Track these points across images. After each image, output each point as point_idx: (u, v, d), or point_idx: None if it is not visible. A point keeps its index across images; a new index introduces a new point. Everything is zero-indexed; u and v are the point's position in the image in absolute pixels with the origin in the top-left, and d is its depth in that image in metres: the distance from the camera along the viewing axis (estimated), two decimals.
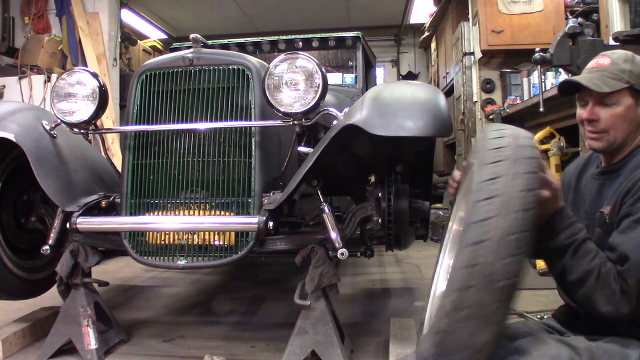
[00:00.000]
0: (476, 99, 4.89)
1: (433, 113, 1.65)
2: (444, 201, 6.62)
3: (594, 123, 1.35)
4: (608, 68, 1.34)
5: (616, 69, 1.33)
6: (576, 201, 1.48)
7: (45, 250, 1.96)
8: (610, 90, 1.30)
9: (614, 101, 1.32)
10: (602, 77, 1.33)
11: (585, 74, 1.39)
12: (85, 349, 1.95)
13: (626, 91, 1.32)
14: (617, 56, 1.37)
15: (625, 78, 1.32)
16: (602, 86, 1.31)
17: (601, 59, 1.39)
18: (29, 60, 4.75)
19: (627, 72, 1.32)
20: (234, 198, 1.89)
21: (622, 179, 1.31)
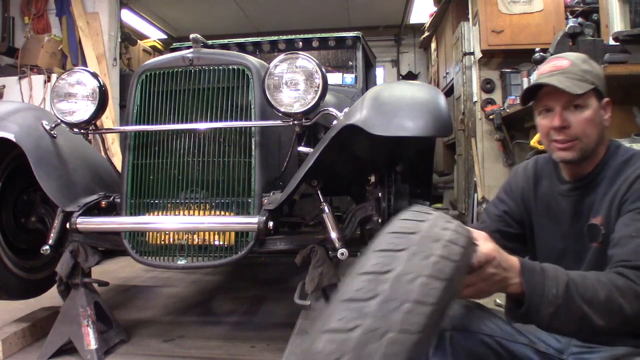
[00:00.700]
0: (476, 99, 4.89)
1: (433, 113, 1.65)
2: (444, 201, 6.62)
3: (565, 130, 1.25)
4: (570, 69, 1.25)
5: (579, 70, 1.25)
6: (547, 218, 1.39)
7: (45, 250, 1.96)
8: (582, 91, 1.22)
9: (583, 104, 1.24)
10: (568, 79, 1.24)
11: (549, 77, 1.27)
12: (85, 349, 1.95)
13: (592, 93, 1.25)
14: (574, 57, 1.29)
15: (590, 79, 1.25)
16: (574, 87, 1.21)
17: (558, 61, 1.29)
18: (29, 60, 4.75)
19: (589, 73, 1.26)
20: (233, 198, 1.89)
21: (602, 189, 1.24)
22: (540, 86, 1.28)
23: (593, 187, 1.28)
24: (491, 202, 1.56)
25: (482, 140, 4.76)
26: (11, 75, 4.74)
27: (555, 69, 1.27)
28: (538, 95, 1.30)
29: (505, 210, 1.48)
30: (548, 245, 1.40)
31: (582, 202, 1.29)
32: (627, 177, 1.20)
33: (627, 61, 2.64)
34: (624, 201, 1.18)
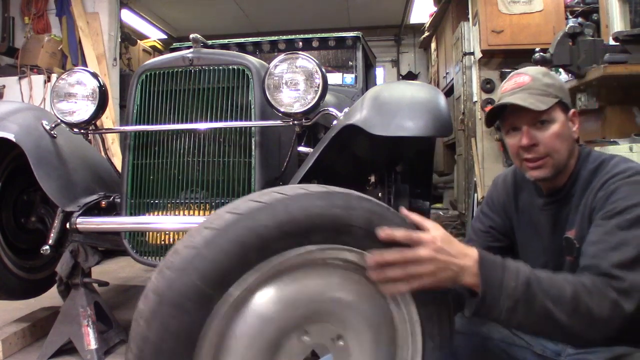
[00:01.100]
0: (476, 99, 4.88)
1: (433, 113, 1.66)
2: (444, 201, 6.62)
3: (534, 148, 1.22)
4: (532, 85, 1.22)
5: (541, 85, 1.22)
6: (529, 232, 1.38)
7: (45, 250, 1.96)
8: (546, 107, 1.19)
9: (549, 119, 1.21)
10: (531, 95, 1.21)
11: (511, 95, 1.24)
12: (85, 349, 1.95)
13: (557, 106, 1.22)
14: (535, 71, 1.27)
15: (553, 92, 1.22)
16: (538, 104, 1.19)
17: (519, 78, 1.26)
18: (29, 60, 4.74)
19: (551, 86, 1.23)
20: (234, 198, 1.89)
21: (575, 201, 1.24)
22: (504, 106, 1.26)
23: (568, 199, 1.27)
24: (476, 218, 1.55)
25: (482, 140, 4.76)
26: (11, 75, 4.74)
27: (517, 86, 1.24)
28: (503, 114, 1.28)
29: (490, 226, 1.47)
30: (530, 258, 1.38)
31: (559, 215, 1.28)
32: (594, 187, 1.19)
33: (627, 61, 2.64)
34: (592, 209, 1.17)
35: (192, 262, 0.85)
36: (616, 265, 1.02)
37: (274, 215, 0.89)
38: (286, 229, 0.89)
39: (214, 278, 0.85)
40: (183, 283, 0.84)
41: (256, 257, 0.88)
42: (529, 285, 0.97)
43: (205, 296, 0.85)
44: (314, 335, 0.97)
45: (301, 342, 0.96)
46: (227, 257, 0.85)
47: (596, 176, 1.22)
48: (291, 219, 0.89)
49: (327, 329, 0.99)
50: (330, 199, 0.95)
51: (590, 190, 1.20)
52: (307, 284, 0.97)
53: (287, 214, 0.89)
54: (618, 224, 1.08)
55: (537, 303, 0.97)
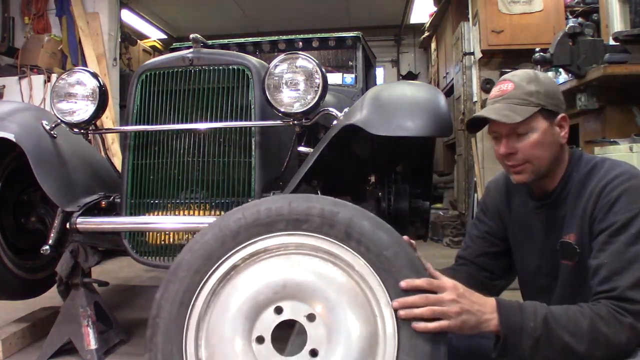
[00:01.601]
0: (476, 99, 4.88)
1: (433, 113, 1.66)
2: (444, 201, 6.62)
3: (513, 156, 1.26)
4: (513, 94, 1.24)
5: (522, 93, 1.23)
6: (522, 235, 1.39)
7: (45, 250, 1.96)
8: (521, 118, 1.21)
9: (527, 129, 1.22)
10: (509, 106, 1.23)
11: (491, 106, 1.28)
12: (85, 349, 1.95)
13: (538, 114, 1.22)
14: (520, 78, 1.27)
15: (534, 101, 1.22)
16: (513, 116, 1.21)
17: (504, 85, 1.28)
18: (29, 60, 4.74)
19: (534, 94, 1.23)
20: (234, 198, 1.89)
21: (571, 203, 1.24)
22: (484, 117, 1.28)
23: (560, 202, 1.27)
24: (471, 224, 1.56)
25: (482, 140, 4.76)
26: (11, 75, 4.74)
27: (499, 94, 1.27)
28: (487, 121, 1.30)
29: (486, 231, 1.48)
30: (524, 262, 1.40)
31: (552, 218, 1.29)
32: (592, 191, 1.19)
33: (627, 61, 2.64)
34: (593, 219, 1.17)
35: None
36: (629, 288, 1.05)
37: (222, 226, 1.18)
38: (254, 222, 1.16)
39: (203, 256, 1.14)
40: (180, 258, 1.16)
41: (231, 242, 1.14)
42: (546, 323, 1.04)
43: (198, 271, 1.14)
44: (287, 312, 1.13)
45: (274, 317, 1.13)
46: (212, 238, 1.16)
47: (591, 179, 1.22)
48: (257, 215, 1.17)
49: (300, 307, 1.13)
50: (286, 199, 1.20)
51: (588, 194, 1.20)
52: (283, 266, 1.15)
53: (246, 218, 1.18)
54: (626, 240, 1.10)
55: (557, 338, 1.04)
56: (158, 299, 1.14)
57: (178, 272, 1.14)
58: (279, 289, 1.13)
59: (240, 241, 1.14)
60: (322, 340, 1.10)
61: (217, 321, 1.13)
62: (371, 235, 1.11)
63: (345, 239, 1.12)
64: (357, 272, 1.12)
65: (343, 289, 1.12)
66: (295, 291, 1.13)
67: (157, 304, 1.14)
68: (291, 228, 1.14)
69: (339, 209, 1.15)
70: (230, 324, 1.11)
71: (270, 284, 1.13)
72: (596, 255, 1.14)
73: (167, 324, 1.13)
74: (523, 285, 1.46)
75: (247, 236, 1.14)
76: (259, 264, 1.16)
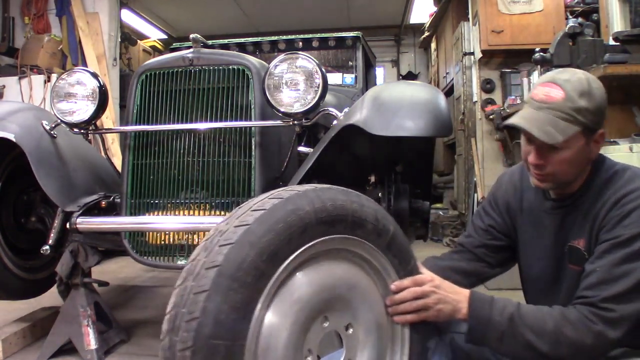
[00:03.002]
0: (476, 99, 4.89)
1: (433, 113, 1.65)
2: (444, 201, 6.62)
3: (541, 166, 1.21)
4: (561, 105, 1.14)
5: (570, 108, 1.14)
6: (533, 234, 1.37)
7: (45, 250, 1.96)
8: (563, 138, 1.13)
9: (564, 145, 1.15)
10: (553, 119, 1.14)
11: (533, 111, 1.18)
12: (85, 349, 1.95)
13: (579, 133, 1.15)
14: (572, 86, 1.15)
15: (580, 119, 1.14)
16: (555, 134, 1.13)
17: (553, 90, 1.17)
18: (29, 60, 4.74)
19: (582, 112, 1.14)
20: (234, 198, 1.89)
21: (586, 208, 1.22)
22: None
23: (577, 206, 1.25)
24: (477, 213, 1.55)
25: (482, 140, 4.76)
26: (11, 75, 4.74)
27: (545, 100, 1.17)
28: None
29: (490, 224, 1.47)
30: (531, 260, 1.39)
31: (565, 221, 1.27)
32: (607, 200, 1.18)
33: (627, 61, 2.64)
34: (602, 227, 1.17)
35: (247, 237, 0.93)
36: (610, 299, 1.08)
37: (310, 202, 1.00)
38: (320, 215, 1.00)
39: (266, 253, 0.93)
40: (241, 257, 0.91)
41: (297, 240, 0.98)
42: (512, 320, 1.13)
43: (261, 270, 0.93)
44: (332, 322, 1.07)
45: (322, 328, 1.06)
46: (275, 234, 0.94)
47: (609, 188, 1.20)
48: (323, 208, 1.01)
49: (342, 317, 1.09)
50: (348, 195, 1.09)
51: (602, 202, 1.19)
52: (332, 272, 1.08)
53: (321, 202, 1.01)
54: (624, 255, 1.11)
55: (520, 335, 1.12)
56: (202, 305, 0.88)
57: (238, 275, 0.90)
58: (330, 297, 1.06)
59: (307, 238, 1.00)
60: (356, 349, 1.12)
61: (272, 330, 0.96)
62: (406, 249, 1.20)
63: (386, 249, 1.15)
64: (390, 280, 1.17)
65: (372, 299, 1.15)
66: (340, 300, 1.08)
67: (202, 310, 0.88)
68: (349, 231, 1.07)
69: (386, 219, 1.16)
70: (287, 335, 0.97)
71: (322, 291, 1.05)
72: (593, 261, 1.15)
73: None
74: (526, 283, 1.45)
75: (312, 234, 1.01)
76: (315, 267, 1.05)
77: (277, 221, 0.95)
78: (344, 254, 1.11)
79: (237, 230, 0.93)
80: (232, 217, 0.99)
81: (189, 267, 0.94)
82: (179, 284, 0.93)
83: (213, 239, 0.95)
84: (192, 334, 0.86)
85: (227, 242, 0.92)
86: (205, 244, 0.96)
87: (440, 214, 5.91)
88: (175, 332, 0.88)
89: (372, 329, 1.14)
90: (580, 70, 1.23)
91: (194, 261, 0.94)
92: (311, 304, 1.02)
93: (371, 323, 1.14)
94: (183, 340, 0.86)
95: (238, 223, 0.95)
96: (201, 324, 0.86)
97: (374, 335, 1.14)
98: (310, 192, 1.03)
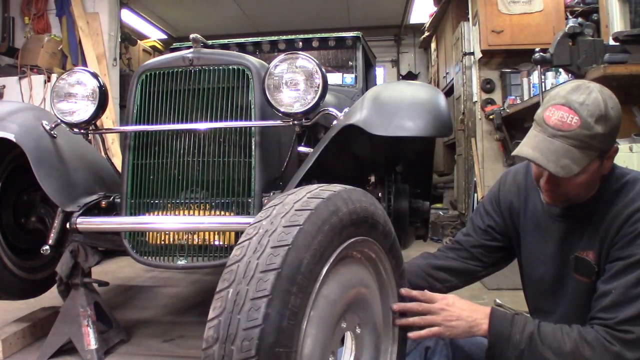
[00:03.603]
0: (476, 99, 4.89)
1: (433, 113, 1.65)
2: (444, 201, 6.62)
3: (553, 188, 1.18)
4: (577, 134, 1.08)
5: (586, 136, 1.08)
6: (536, 238, 1.35)
7: (45, 250, 1.96)
8: (579, 169, 1.09)
9: (580, 172, 1.11)
10: (569, 150, 1.08)
11: (547, 140, 1.11)
12: (85, 349, 1.95)
13: (595, 158, 1.11)
14: (589, 112, 1.08)
15: (597, 145, 1.09)
16: (571, 167, 1.08)
17: (568, 117, 1.09)
18: (29, 60, 4.75)
19: (598, 137, 1.08)
20: (234, 198, 1.89)
21: (595, 220, 1.20)
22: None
23: (585, 216, 1.22)
24: (477, 211, 1.53)
25: (482, 140, 4.77)
26: (11, 75, 4.74)
27: (560, 128, 1.09)
28: None
29: (489, 225, 1.45)
30: (533, 262, 1.38)
31: (572, 229, 1.26)
32: (618, 213, 1.16)
33: (627, 61, 2.64)
34: (614, 243, 1.16)
35: (302, 239, 0.89)
36: (627, 321, 1.08)
37: (345, 202, 1.00)
38: (353, 217, 1.01)
39: (317, 254, 0.90)
40: (298, 259, 0.87)
41: (337, 241, 0.97)
42: (532, 339, 1.14)
43: (314, 273, 0.90)
44: (348, 323, 1.07)
45: (341, 329, 1.05)
46: (323, 235, 0.92)
47: (620, 199, 1.17)
48: (354, 209, 1.02)
49: (354, 317, 1.09)
50: (367, 196, 1.10)
51: (613, 215, 1.16)
52: (353, 273, 1.09)
53: (352, 203, 1.02)
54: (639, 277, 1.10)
55: (539, 354, 1.12)
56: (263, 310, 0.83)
57: (297, 278, 0.86)
58: (351, 298, 1.05)
59: (343, 239, 0.99)
60: (362, 349, 1.13)
61: (313, 334, 0.92)
62: (400, 252, 1.21)
63: (389, 251, 1.17)
64: (388, 281, 1.19)
65: (374, 299, 1.16)
66: (357, 301, 1.09)
67: (264, 315, 0.83)
68: (367, 232, 1.07)
69: (389, 222, 1.17)
70: (323, 338, 0.95)
71: (348, 292, 1.04)
72: (607, 281, 1.14)
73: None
74: (527, 284, 1.45)
75: (348, 234, 1.00)
76: (342, 269, 1.03)
77: (324, 222, 0.93)
78: (357, 255, 1.11)
79: (289, 231, 0.89)
80: (274, 216, 0.94)
81: (236, 269, 0.88)
82: (226, 287, 0.87)
83: (261, 239, 0.89)
84: (255, 342, 0.80)
85: (283, 244, 0.87)
86: (251, 244, 0.90)
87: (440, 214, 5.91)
88: (231, 340, 0.81)
89: (372, 328, 1.15)
90: (593, 85, 1.14)
91: (240, 262, 0.88)
92: (340, 305, 1.01)
93: (372, 323, 1.15)
94: (243, 350, 0.80)
95: (287, 223, 0.91)
96: (264, 332, 0.80)
97: (374, 334, 1.15)
98: (344, 193, 1.02)
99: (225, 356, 0.81)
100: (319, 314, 0.93)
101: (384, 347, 1.19)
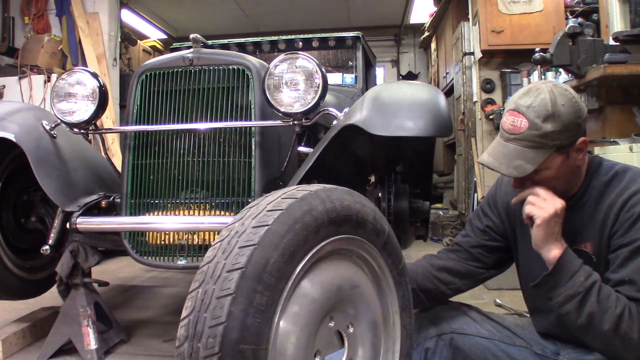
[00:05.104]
0: (476, 99, 4.89)
1: (433, 113, 1.65)
2: (444, 201, 6.62)
3: (520, 188, 1.24)
4: (527, 135, 1.15)
5: (536, 135, 1.14)
6: (530, 236, 1.35)
7: (45, 250, 1.96)
8: (534, 167, 1.16)
9: (541, 167, 1.17)
10: (521, 150, 1.16)
11: (502, 145, 1.20)
12: (85, 349, 1.95)
13: (554, 153, 1.17)
14: (536, 114, 1.14)
15: (549, 143, 1.15)
16: (525, 167, 1.16)
17: (517, 120, 1.16)
18: (29, 60, 4.75)
19: (549, 135, 1.14)
20: (234, 198, 1.89)
21: (588, 213, 1.23)
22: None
23: (577, 209, 1.25)
24: (475, 213, 1.55)
25: (482, 140, 4.76)
26: (11, 75, 4.74)
27: (512, 132, 1.18)
28: None
29: (488, 225, 1.47)
30: (530, 261, 1.39)
31: (567, 225, 1.26)
32: (612, 203, 1.18)
33: (627, 61, 2.64)
34: (614, 232, 1.17)
35: (269, 239, 0.91)
36: None
37: (322, 201, 1.00)
38: (332, 215, 1.01)
39: (287, 253, 0.92)
40: (264, 258, 0.89)
41: (312, 240, 0.97)
42: (592, 287, 1.12)
43: (284, 271, 0.91)
44: (336, 321, 1.07)
45: (328, 328, 1.06)
46: (294, 234, 0.93)
47: (612, 189, 1.20)
48: (333, 207, 1.02)
49: (345, 316, 1.09)
50: (352, 195, 1.10)
51: (607, 205, 1.19)
52: (338, 272, 1.09)
53: (331, 202, 1.02)
54: None
55: (589, 305, 1.11)
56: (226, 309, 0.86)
57: (263, 277, 0.88)
58: (337, 297, 1.06)
59: (320, 238, 1.00)
60: (356, 347, 1.13)
61: (288, 332, 0.94)
62: (397, 250, 1.21)
63: (382, 249, 1.16)
64: (384, 279, 1.18)
65: (370, 298, 1.16)
66: (344, 300, 1.08)
67: (228, 314, 0.85)
68: (353, 231, 1.08)
69: (382, 219, 1.16)
70: (301, 336, 0.96)
71: (331, 291, 1.05)
72: (616, 270, 1.15)
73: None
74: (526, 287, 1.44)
75: (327, 233, 1.02)
76: (324, 267, 1.05)
77: (295, 221, 0.94)
78: (346, 253, 1.11)
79: (257, 231, 0.91)
80: (246, 217, 0.96)
81: (206, 270, 0.90)
82: (196, 288, 0.89)
83: (230, 240, 0.92)
84: (219, 339, 0.82)
85: (249, 244, 0.89)
86: (222, 245, 0.92)
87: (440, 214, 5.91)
88: (197, 338, 0.84)
89: (369, 327, 1.15)
90: (545, 86, 1.19)
91: (210, 263, 0.91)
92: (321, 304, 1.01)
93: (368, 321, 1.15)
94: (208, 347, 0.83)
95: (256, 223, 0.93)
96: (228, 329, 0.83)
97: (370, 333, 1.15)
98: (321, 192, 1.03)
99: (193, 353, 0.84)
100: (296, 312, 0.95)
101: (385, 347, 1.18)
